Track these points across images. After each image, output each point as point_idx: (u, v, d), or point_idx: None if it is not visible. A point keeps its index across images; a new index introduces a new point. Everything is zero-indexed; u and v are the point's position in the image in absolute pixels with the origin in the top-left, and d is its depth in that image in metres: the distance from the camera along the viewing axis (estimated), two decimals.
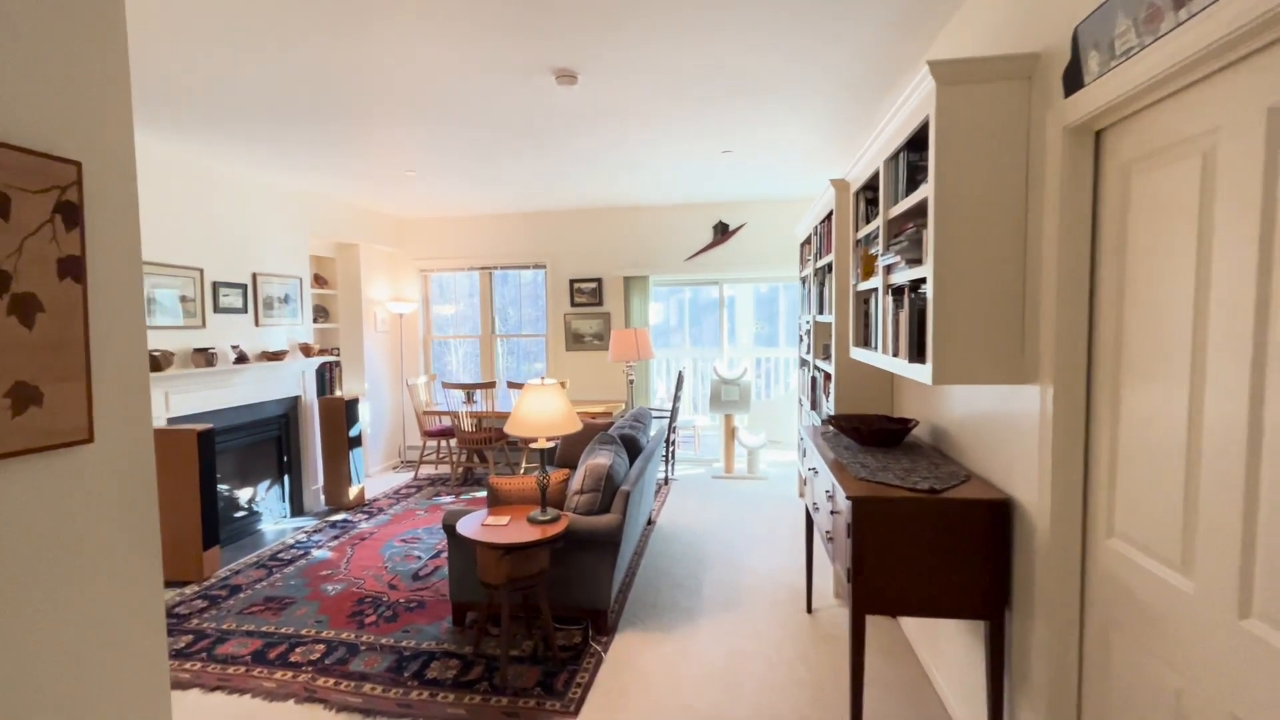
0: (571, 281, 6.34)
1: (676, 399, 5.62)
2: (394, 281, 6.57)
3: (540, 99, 3.15)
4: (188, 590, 3.55)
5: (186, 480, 3.64)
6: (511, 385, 5.38)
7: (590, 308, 6.36)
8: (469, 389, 5.44)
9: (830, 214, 3.56)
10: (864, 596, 1.94)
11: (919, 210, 2.15)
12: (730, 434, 5.89)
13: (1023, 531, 1.82)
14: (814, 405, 4.21)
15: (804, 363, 5.00)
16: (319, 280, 5.85)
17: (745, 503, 5.04)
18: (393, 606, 3.29)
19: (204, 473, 3.66)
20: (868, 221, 2.85)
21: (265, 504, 4.68)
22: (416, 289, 6.65)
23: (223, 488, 4.35)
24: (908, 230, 2.20)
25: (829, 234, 3.69)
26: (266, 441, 4.71)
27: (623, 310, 6.29)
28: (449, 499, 5.29)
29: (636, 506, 3.32)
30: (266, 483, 4.70)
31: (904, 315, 2.17)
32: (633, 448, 3.81)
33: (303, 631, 3.05)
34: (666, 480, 5.66)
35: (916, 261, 2.13)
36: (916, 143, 2.16)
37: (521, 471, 5.85)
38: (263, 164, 4.26)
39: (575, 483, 3.03)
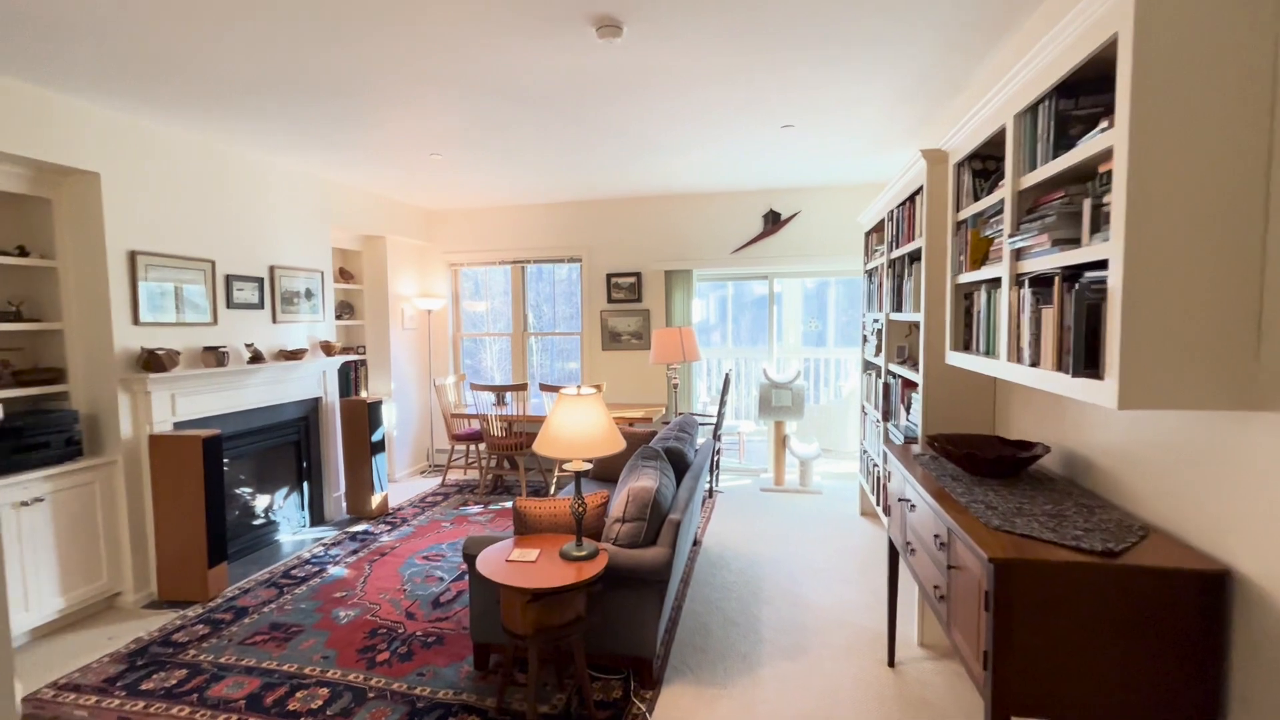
0: (609, 276, 5.91)
1: (723, 404, 5.14)
2: (423, 276, 6.25)
3: (578, 61, 2.70)
4: (190, 612, 3.23)
5: (190, 491, 3.32)
6: (544, 388, 4.98)
7: (628, 304, 5.92)
8: (498, 391, 5.06)
9: (916, 193, 3.03)
10: (1008, 693, 1.44)
11: (1075, 175, 1.63)
12: (780, 443, 5.38)
13: (1249, 616, 1.30)
14: (887, 416, 3.68)
15: (869, 366, 4.46)
16: (344, 275, 5.55)
17: (799, 521, 4.53)
18: (408, 641, 2.91)
19: (209, 483, 3.35)
20: (976, 197, 2.33)
21: (283, 513, 4.38)
22: (446, 284, 6.31)
23: (245, 491, 4.05)
24: (1054, 202, 1.68)
25: (911, 217, 3.16)
26: (285, 446, 4.41)
27: (663, 307, 5.83)
28: (476, 509, 4.92)
29: (685, 536, 2.86)
30: (284, 490, 4.40)
31: (1050, 313, 1.65)
32: (679, 463, 3.35)
33: (307, 670, 2.69)
34: (711, 493, 5.19)
35: (1069, 242, 1.62)
36: (1074, 86, 1.64)
37: (554, 484, 5.45)
38: (276, 146, 3.94)
39: (616, 508, 2.59)
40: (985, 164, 2.36)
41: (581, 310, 6.04)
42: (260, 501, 4.22)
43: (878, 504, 3.90)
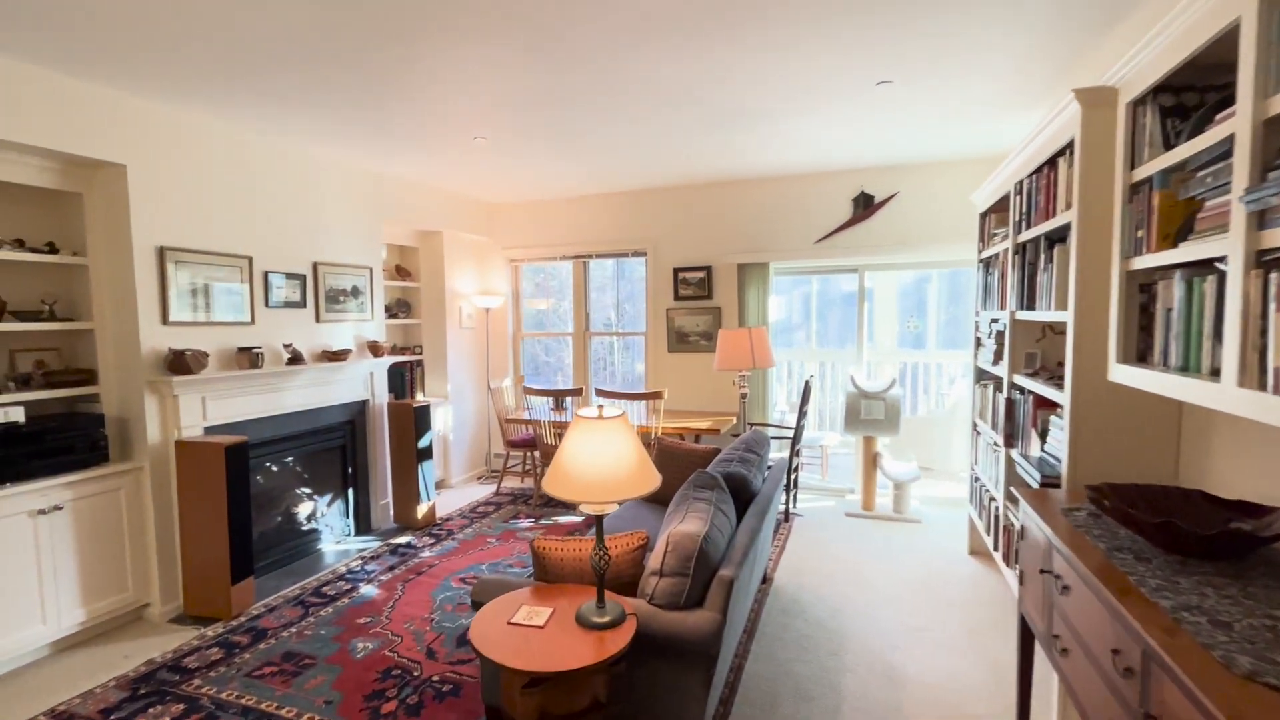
0: (676, 271, 5.38)
1: (802, 415, 4.48)
2: (482, 273, 5.98)
3: (642, 4, 2.20)
4: (210, 631, 3.03)
5: (214, 502, 3.12)
6: (600, 393, 4.53)
7: (697, 301, 5.36)
8: (551, 395, 4.67)
9: (1061, 152, 2.30)
10: None
11: None
12: (870, 461, 4.65)
13: None
14: (1010, 441, 2.93)
15: (984, 376, 3.68)
16: (401, 272, 5.36)
17: (892, 557, 3.81)
18: (421, 688, 2.53)
19: (233, 494, 3.14)
20: (1168, 146, 1.62)
21: (326, 520, 4.19)
22: (505, 281, 6.02)
23: (286, 498, 3.88)
24: None
25: (1050, 186, 2.43)
26: (329, 451, 4.21)
27: (736, 304, 5.23)
28: (527, 523, 4.55)
29: (745, 591, 2.30)
30: (328, 497, 4.21)
31: None
32: (742, 492, 2.78)
33: (305, 718, 2.36)
34: (786, 515, 4.55)
35: None
36: None
37: None
38: (314, 134, 3.70)
39: (655, 556, 2.07)
40: (1182, 97, 1.64)
41: (646, 308, 5.55)
42: (303, 509, 4.04)
43: (995, 547, 3.15)
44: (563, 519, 4.63)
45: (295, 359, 3.78)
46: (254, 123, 3.45)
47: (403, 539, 4.25)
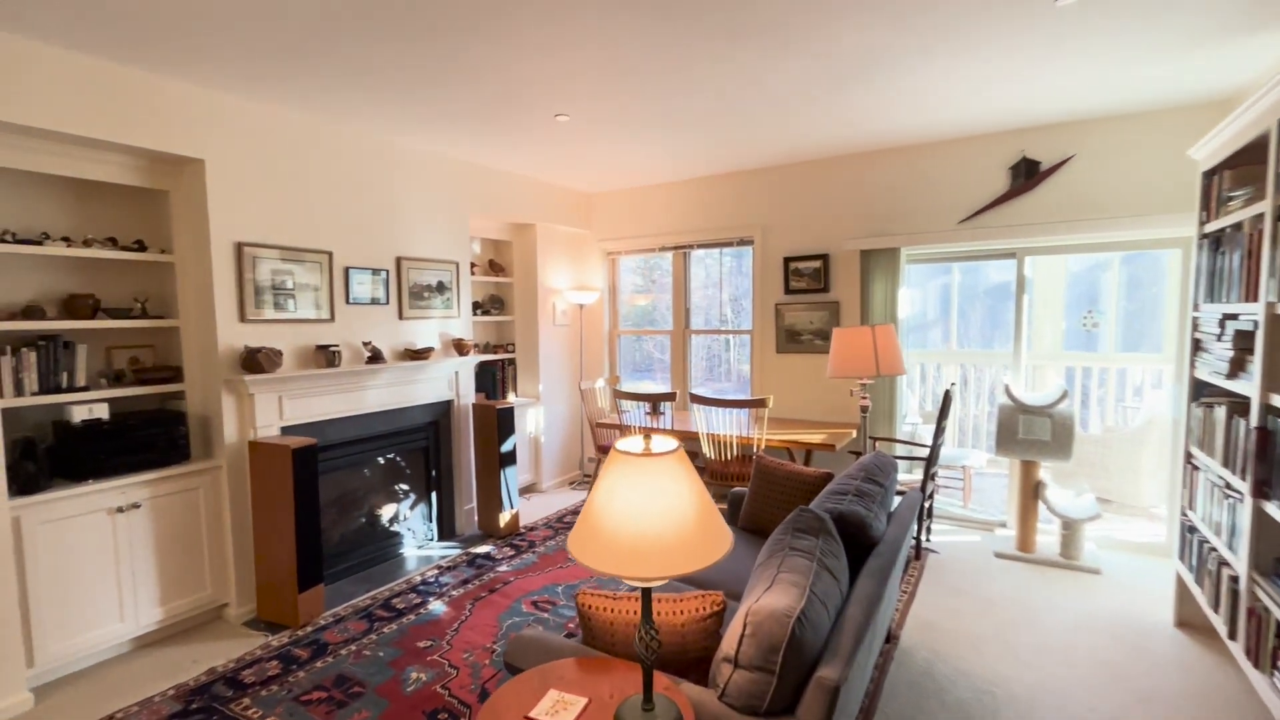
0: (786, 261, 4.73)
1: (940, 431, 3.69)
2: (578, 267, 5.68)
3: None
4: (275, 641, 2.91)
5: (282, 506, 3.01)
6: (694, 399, 4.02)
7: (812, 295, 4.68)
8: (641, 399, 4.23)
9: None
10: None
11: None
12: (1031, 491, 3.75)
13: None
14: (1262, 490, 2.05)
15: (1206, 391, 2.73)
16: (494, 267, 5.18)
17: (1061, 620, 2.96)
18: None
19: (300, 498, 3.01)
20: None
21: (409, 524, 4.05)
22: (602, 275, 5.67)
23: (368, 500, 3.78)
24: None
25: None
26: (413, 453, 4.08)
27: (857, 297, 4.49)
28: None
29: (855, 688, 1.70)
30: (411, 500, 4.07)
31: None
32: (858, 537, 2.16)
33: None
34: (918, 551, 3.77)
35: None
36: None
37: None
38: (396, 118, 3.52)
39: (730, 633, 1.54)
40: None
41: (752, 303, 4.95)
42: (386, 512, 3.93)
43: (1230, 633, 2.26)
44: None
45: (375, 357, 3.65)
46: (332, 112, 3.32)
47: (483, 548, 4.02)
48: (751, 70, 2.87)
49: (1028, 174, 3.89)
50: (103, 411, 2.77)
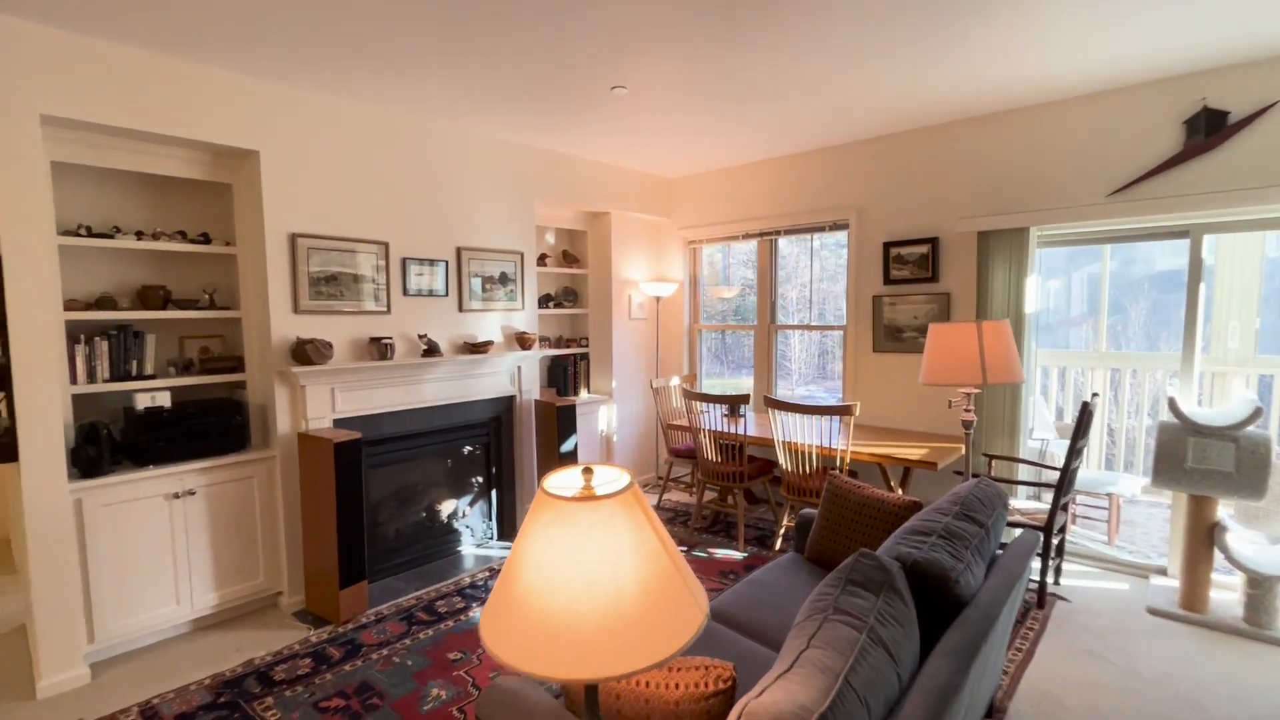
0: (887, 246, 4.11)
1: (1075, 451, 2.98)
2: (657, 258, 5.36)
3: None
4: (314, 636, 2.88)
5: (326, 500, 2.97)
6: (769, 402, 3.56)
7: (917, 285, 4.03)
8: (712, 401, 3.84)
9: None
10: None
11: None
12: (1204, 533, 2.93)
13: None
14: None
15: None
16: (568, 258, 4.99)
17: (1242, 707, 2.22)
18: None
19: (342, 494, 2.95)
20: None
21: (468, 521, 3.96)
22: (681, 266, 5.31)
23: (425, 495, 3.72)
24: None
25: None
26: (472, 449, 3.97)
27: (973, 287, 3.80)
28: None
29: None
30: (469, 498, 3.97)
31: None
32: (938, 595, 1.66)
33: None
34: (1041, 597, 3.08)
35: None
36: None
37: (780, 532, 3.98)
38: (452, 99, 3.39)
39: None
40: None
41: (846, 295, 4.37)
42: (445, 508, 3.85)
43: None
44: (720, 552, 3.80)
45: (431, 350, 3.56)
46: (388, 99, 3.24)
47: None
48: (840, 25, 2.38)
49: (1209, 129, 3.04)
50: (165, 399, 2.85)
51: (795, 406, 3.45)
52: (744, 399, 3.77)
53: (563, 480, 0.96)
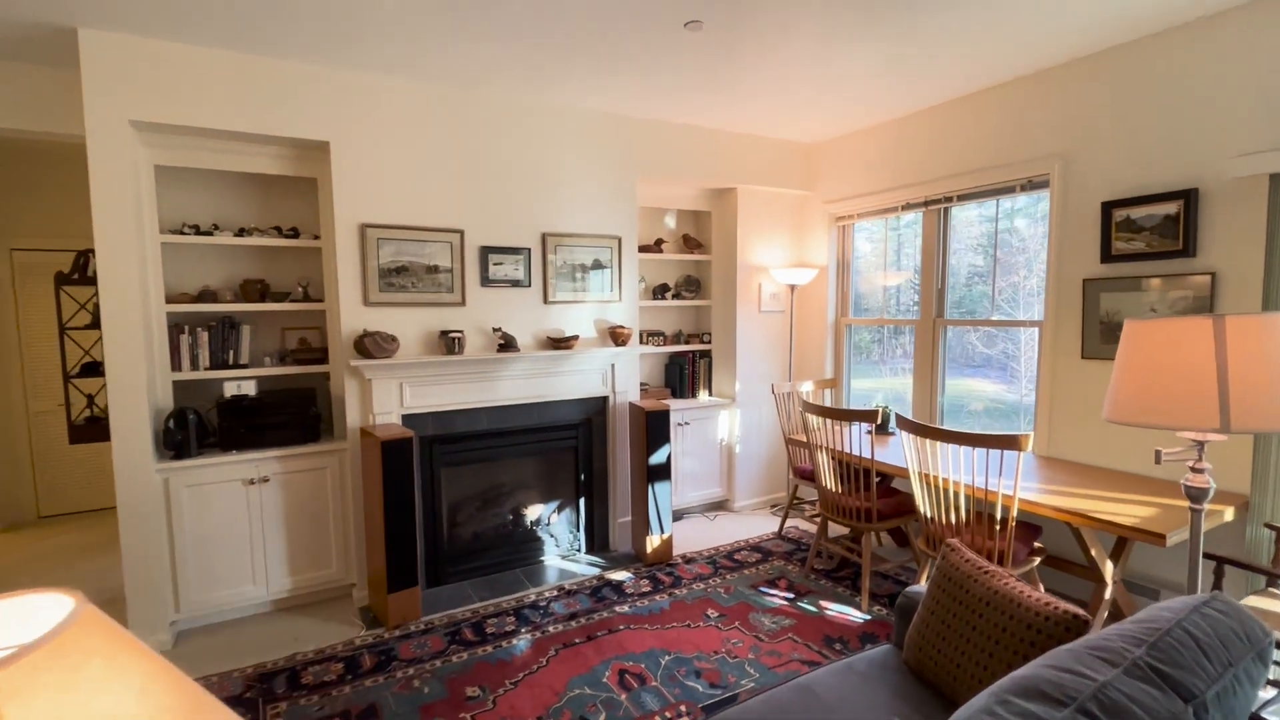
0: (1107, 207, 2.87)
1: None
2: (795, 239, 4.54)
3: None
4: (359, 639, 2.79)
5: (376, 500, 2.87)
6: (904, 424, 2.65)
7: (1157, 261, 2.74)
8: (829, 415, 3.02)
9: None
10: None
11: None
12: None
13: None
14: None
15: None
16: (689, 243, 4.44)
17: None
18: None
19: (390, 496, 2.81)
20: None
21: (553, 529, 3.67)
22: (825, 248, 4.41)
23: (523, 496, 3.53)
24: None
25: None
26: (561, 452, 3.66)
27: (1260, 263, 2.44)
28: (781, 598, 3.08)
29: None
30: (554, 505, 3.68)
31: None
32: None
33: None
34: None
35: None
36: None
37: (924, 574, 3.01)
38: (528, 66, 3.07)
39: None
40: None
41: (1046, 278, 3.18)
42: (530, 514, 3.61)
43: None
44: (835, 609, 2.99)
45: (507, 345, 3.31)
46: (458, 77, 3.03)
47: (619, 574, 3.40)
48: None
49: None
50: (250, 388, 2.98)
51: (931, 431, 2.51)
52: (868, 415, 2.90)
53: None
